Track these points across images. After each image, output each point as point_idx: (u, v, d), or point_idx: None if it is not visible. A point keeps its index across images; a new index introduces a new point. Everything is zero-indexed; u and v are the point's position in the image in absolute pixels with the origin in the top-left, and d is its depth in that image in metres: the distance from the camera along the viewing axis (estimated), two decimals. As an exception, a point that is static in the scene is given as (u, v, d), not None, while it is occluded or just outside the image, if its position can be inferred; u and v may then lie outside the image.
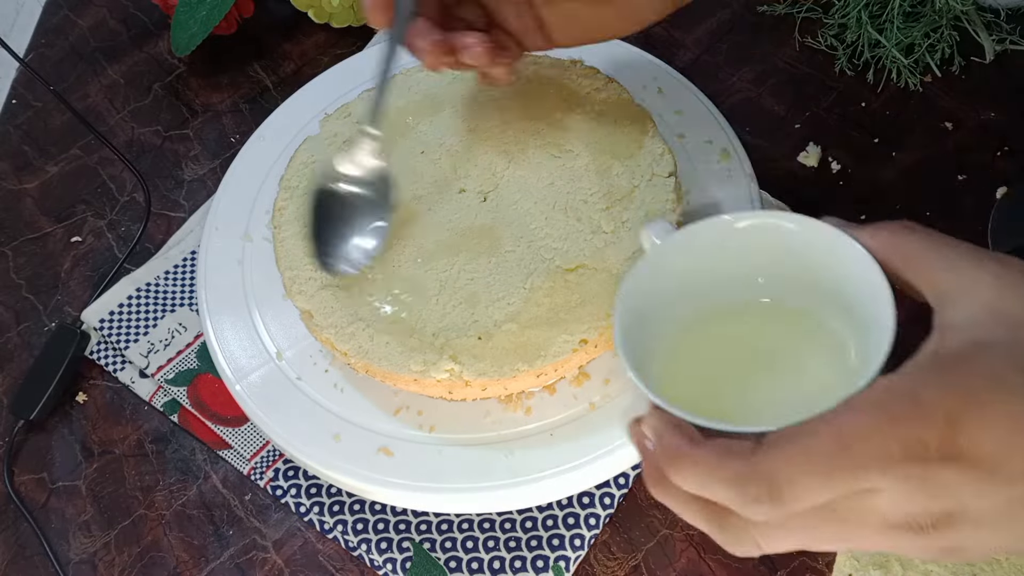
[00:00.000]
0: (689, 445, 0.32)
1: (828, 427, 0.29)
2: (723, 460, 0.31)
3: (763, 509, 0.30)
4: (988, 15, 0.65)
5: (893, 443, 0.28)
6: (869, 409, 0.29)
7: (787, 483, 0.29)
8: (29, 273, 0.66)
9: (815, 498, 0.29)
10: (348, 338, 0.46)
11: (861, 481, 0.29)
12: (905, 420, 0.28)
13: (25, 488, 0.56)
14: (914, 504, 0.29)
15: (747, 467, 0.30)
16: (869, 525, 0.30)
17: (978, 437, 0.28)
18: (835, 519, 0.30)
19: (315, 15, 0.73)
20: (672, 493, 0.34)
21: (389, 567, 0.50)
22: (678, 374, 0.38)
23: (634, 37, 0.70)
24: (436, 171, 0.52)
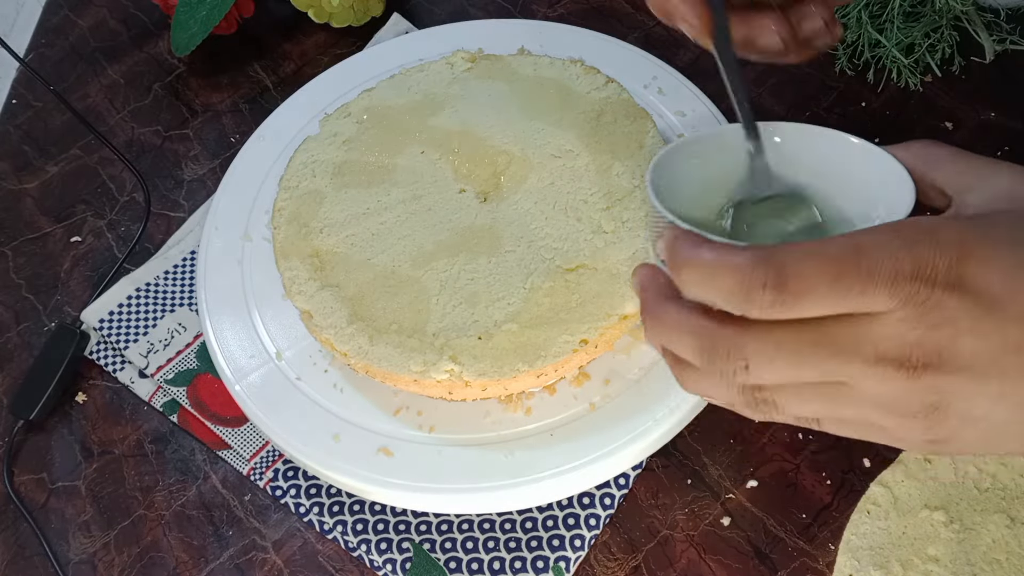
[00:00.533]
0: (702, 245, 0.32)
1: (845, 238, 0.30)
2: (734, 253, 0.30)
3: (767, 297, 0.29)
4: (988, 15, 0.65)
5: (906, 259, 0.29)
6: (887, 229, 0.30)
7: (795, 276, 0.29)
8: (29, 273, 0.66)
9: (819, 300, 0.29)
10: (348, 339, 0.46)
11: (868, 291, 0.29)
12: (920, 243, 0.29)
13: (25, 488, 0.56)
14: (911, 332, 0.29)
15: (759, 255, 0.30)
16: (861, 356, 0.30)
17: (985, 271, 0.29)
18: (828, 342, 0.30)
19: (315, 15, 0.73)
20: (666, 316, 0.34)
21: (389, 568, 0.50)
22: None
23: (634, 37, 0.71)
24: (436, 171, 0.52)
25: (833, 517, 0.49)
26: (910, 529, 0.47)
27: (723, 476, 0.51)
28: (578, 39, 0.63)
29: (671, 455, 0.52)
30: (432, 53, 0.61)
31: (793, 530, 0.49)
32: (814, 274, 0.29)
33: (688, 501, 0.51)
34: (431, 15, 0.76)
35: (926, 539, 0.47)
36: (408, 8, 0.76)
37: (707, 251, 0.31)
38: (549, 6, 0.74)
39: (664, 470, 0.52)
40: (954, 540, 0.46)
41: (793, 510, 0.50)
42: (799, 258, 0.29)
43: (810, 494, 0.50)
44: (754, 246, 0.31)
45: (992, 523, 0.46)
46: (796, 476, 0.51)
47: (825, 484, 0.50)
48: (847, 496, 0.50)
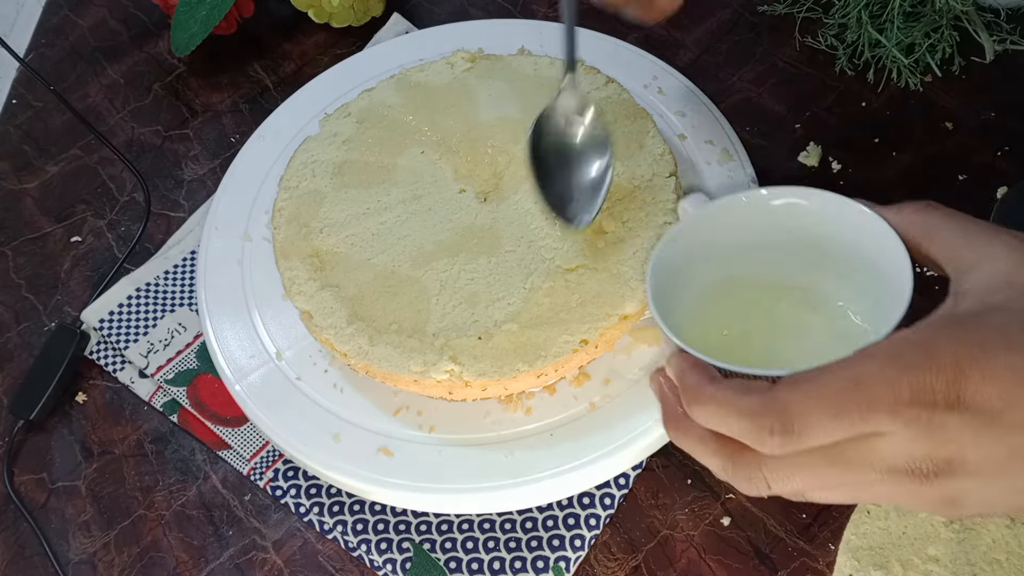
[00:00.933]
0: (710, 382, 0.34)
1: (842, 369, 0.31)
2: (741, 395, 0.32)
3: (775, 441, 0.31)
4: (988, 15, 0.65)
5: (903, 387, 0.30)
6: (883, 356, 0.31)
7: (799, 416, 0.31)
8: (29, 273, 0.66)
9: (825, 434, 0.31)
10: (348, 339, 0.46)
11: (870, 421, 0.30)
12: (916, 367, 0.30)
13: (25, 488, 0.56)
14: (918, 449, 0.30)
15: (763, 401, 0.32)
16: (873, 469, 0.31)
17: (983, 387, 0.29)
18: (841, 461, 0.31)
19: (315, 15, 0.73)
20: (688, 433, 0.36)
21: (389, 568, 0.50)
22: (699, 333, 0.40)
23: (634, 37, 0.71)
24: (436, 171, 0.52)
25: (833, 517, 0.49)
26: (910, 529, 0.47)
27: (723, 476, 0.51)
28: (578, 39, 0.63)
29: (671, 455, 0.52)
30: (432, 53, 0.61)
31: (793, 530, 0.49)
32: (816, 413, 0.31)
33: (688, 501, 0.51)
34: (431, 15, 0.76)
35: (926, 539, 0.47)
36: (408, 8, 0.76)
37: (714, 391, 0.34)
38: (549, 6, 0.74)
39: (664, 470, 0.52)
40: (954, 540, 0.46)
41: (793, 510, 0.50)
42: (801, 401, 0.31)
43: (810, 494, 0.50)
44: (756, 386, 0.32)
45: (992, 523, 0.46)
46: (796, 476, 0.51)
47: (825, 484, 0.50)
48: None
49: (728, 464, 0.34)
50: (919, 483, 0.31)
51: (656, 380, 0.39)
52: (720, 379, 0.34)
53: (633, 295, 0.46)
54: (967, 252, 0.34)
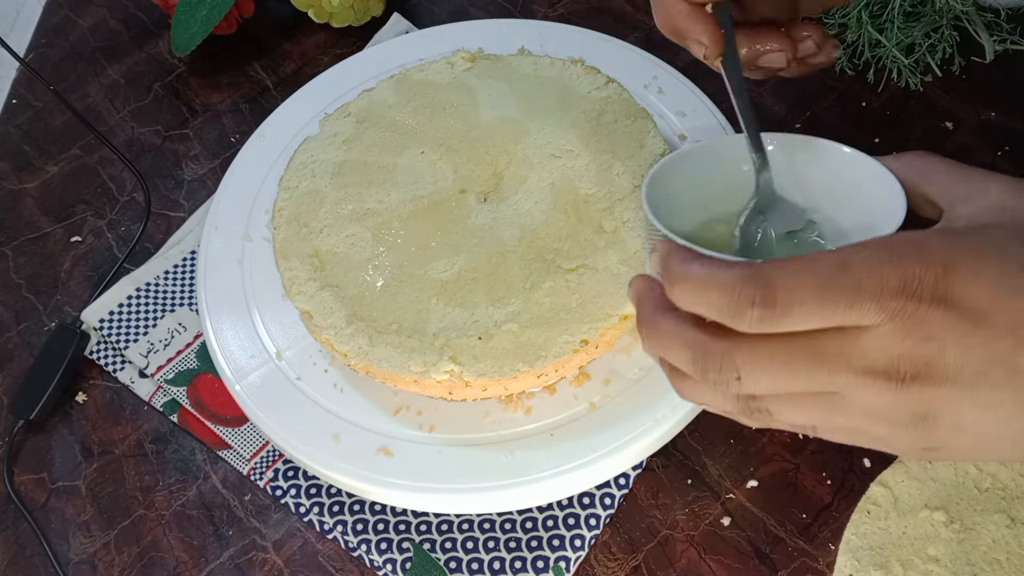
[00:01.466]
0: (695, 260, 0.33)
1: (832, 254, 0.30)
2: (724, 268, 0.31)
3: (755, 314, 0.30)
4: (988, 15, 0.65)
5: (892, 275, 0.29)
6: (874, 246, 0.30)
7: (783, 291, 0.30)
8: (29, 273, 0.66)
9: (807, 315, 0.30)
10: (348, 339, 0.46)
11: (855, 307, 0.29)
12: (907, 259, 0.29)
13: (25, 488, 0.56)
14: (899, 345, 0.30)
15: (748, 272, 0.31)
16: (850, 367, 0.30)
17: (971, 286, 0.29)
18: (818, 354, 0.31)
19: (315, 15, 0.73)
20: (661, 328, 0.34)
21: (389, 567, 0.50)
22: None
23: (634, 37, 0.71)
24: (436, 171, 0.52)
25: (833, 517, 0.49)
26: (910, 529, 0.47)
27: (723, 476, 0.51)
28: (578, 39, 0.63)
29: (671, 455, 0.52)
30: (432, 53, 0.61)
31: (793, 530, 0.49)
32: (801, 290, 0.30)
33: (688, 501, 0.51)
34: (431, 15, 0.76)
35: (926, 539, 0.47)
36: (408, 8, 0.76)
37: (698, 266, 0.32)
38: (549, 6, 0.74)
39: (664, 470, 0.52)
40: (954, 540, 0.46)
41: (793, 510, 0.50)
42: (787, 275, 0.30)
43: (810, 494, 0.50)
44: (743, 262, 0.31)
45: (992, 523, 0.46)
46: (796, 476, 0.51)
47: (825, 484, 0.50)
48: (847, 496, 0.50)
49: (700, 353, 0.33)
50: (894, 388, 0.30)
51: (636, 283, 0.37)
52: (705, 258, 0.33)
53: (633, 295, 0.46)
54: (960, 188, 0.35)
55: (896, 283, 0.29)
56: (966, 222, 0.33)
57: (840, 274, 0.29)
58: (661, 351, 0.35)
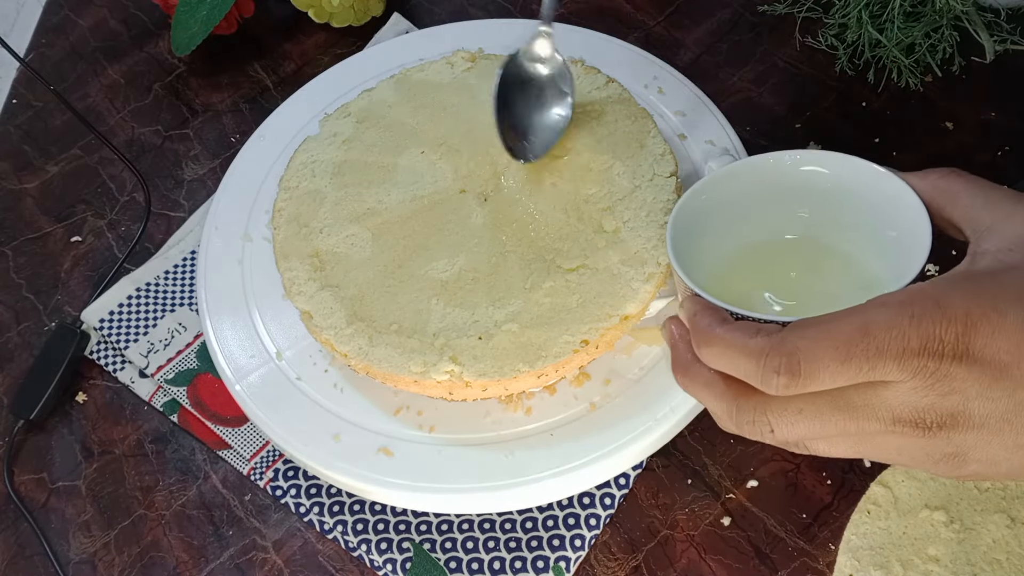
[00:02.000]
0: (720, 323, 0.34)
1: (853, 316, 0.31)
2: (750, 336, 0.33)
3: (781, 381, 0.31)
4: (988, 15, 0.65)
5: (913, 336, 0.30)
6: (894, 304, 0.31)
7: (807, 358, 0.31)
8: (29, 273, 0.66)
9: (831, 378, 0.31)
10: (348, 339, 0.46)
11: (878, 368, 0.30)
12: (927, 316, 0.30)
13: (25, 488, 0.56)
14: (923, 399, 0.30)
15: (771, 342, 0.32)
16: (877, 418, 0.31)
17: (992, 340, 0.30)
18: (845, 407, 0.32)
19: (315, 15, 0.73)
20: (696, 378, 0.36)
21: (389, 567, 0.50)
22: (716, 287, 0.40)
23: (635, 37, 0.71)
24: (436, 171, 0.52)
25: (833, 517, 0.49)
26: (910, 529, 0.47)
27: (723, 476, 0.51)
28: (578, 39, 0.63)
29: (671, 455, 0.52)
30: (432, 53, 0.61)
31: (793, 530, 0.49)
32: (824, 357, 0.31)
33: (688, 501, 0.51)
34: (431, 15, 0.76)
35: (926, 539, 0.47)
36: (408, 8, 0.76)
37: (723, 331, 0.34)
38: (549, 6, 0.74)
39: (664, 470, 0.52)
40: (954, 540, 0.46)
41: (793, 510, 0.50)
42: (809, 343, 0.31)
43: (810, 494, 0.50)
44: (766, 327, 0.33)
45: (992, 523, 0.46)
46: (796, 476, 0.51)
47: (825, 484, 0.50)
48: (847, 496, 0.50)
49: (733, 407, 0.34)
50: (922, 435, 0.31)
51: (668, 327, 0.39)
52: (731, 321, 0.34)
53: (634, 295, 0.46)
54: (986, 214, 0.35)
55: (917, 344, 0.30)
56: (990, 261, 0.33)
57: (861, 338, 0.30)
58: (695, 396, 0.37)
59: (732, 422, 0.35)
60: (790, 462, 0.51)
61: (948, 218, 0.37)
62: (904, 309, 0.30)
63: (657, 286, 0.46)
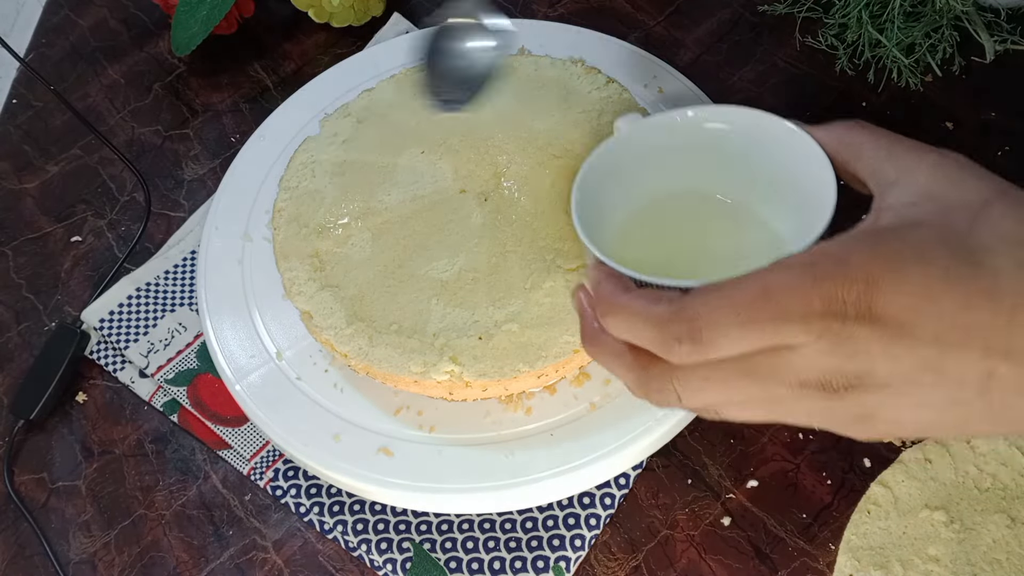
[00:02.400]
0: (623, 292, 0.34)
1: (754, 279, 0.30)
2: (651, 303, 0.32)
3: (684, 350, 0.31)
4: (988, 15, 0.65)
5: (815, 298, 0.29)
6: (796, 266, 0.30)
7: (708, 325, 0.30)
8: (29, 273, 0.66)
9: (734, 344, 0.30)
10: (348, 339, 0.46)
11: (781, 331, 0.30)
12: (828, 278, 0.29)
13: (25, 488, 0.56)
14: (829, 362, 0.30)
15: (672, 309, 0.31)
16: (783, 382, 0.31)
17: (893, 299, 0.29)
18: (751, 373, 0.31)
19: (315, 15, 0.73)
20: (604, 347, 0.35)
21: (389, 567, 0.50)
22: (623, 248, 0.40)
23: (634, 37, 0.71)
24: (436, 171, 0.52)
25: (833, 517, 0.49)
26: (910, 529, 0.47)
27: (723, 476, 0.51)
28: (578, 39, 0.63)
29: (671, 455, 0.52)
30: (432, 53, 0.61)
31: (793, 530, 0.49)
32: (726, 323, 0.30)
33: (688, 501, 0.51)
34: (431, 15, 0.75)
35: (926, 539, 0.47)
36: (408, 8, 0.76)
37: (626, 299, 0.33)
38: (549, 6, 0.74)
39: (664, 470, 0.52)
40: (954, 540, 0.46)
41: (793, 510, 0.50)
42: (711, 308, 0.31)
43: (810, 494, 0.50)
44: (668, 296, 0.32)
45: (992, 523, 0.46)
46: (796, 476, 0.51)
47: (825, 484, 0.50)
48: (847, 496, 0.50)
49: (641, 376, 0.34)
50: (830, 397, 0.31)
51: (577, 295, 0.38)
52: (634, 289, 0.34)
53: (633, 295, 0.46)
54: (890, 168, 0.34)
55: (820, 305, 0.29)
56: (893, 217, 0.32)
57: (763, 302, 0.30)
58: (605, 367, 0.36)
59: (641, 391, 0.34)
60: (790, 462, 0.51)
61: (853, 172, 0.36)
62: (806, 271, 0.30)
63: (657, 286, 0.46)
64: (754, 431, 0.52)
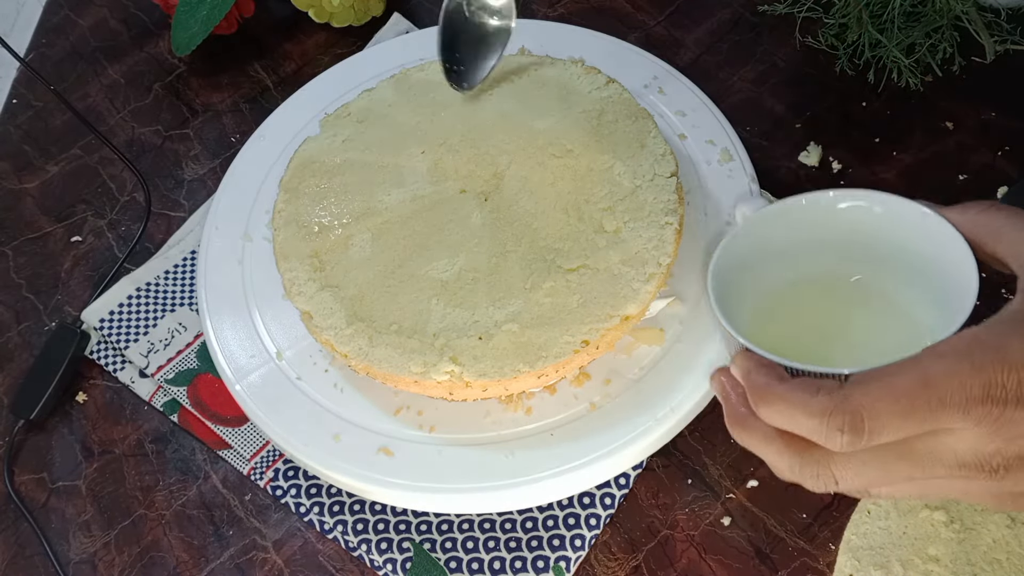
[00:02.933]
0: (778, 381, 0.34)
1: (912, 368, 0.31)
2: (810, 394, 0.33)
3: (846, 439, 0.31)
4: (988, 15, 0.65)
5: (975, 385, 0.30)
6: (952, 354, 0.31)
7: (869, 416, 0.31)
8: (29, 273, 0.66)
9: (894, 432, 0.31)
10: (348, 340, 0.46)
11: (940, 419, 0.30)
12: (987, 365, 0.30)
13: (25, 488, 0.56)
14: (988, 445, 0.31)
15: (833, 400, 0.32)
16: (942, 464, 0.32)
17: None
18: (910, 456, 0.32)
19: (315, 15, 0.73)
20: (753, 432, 0.36)
21: (389, 567, 0.50)
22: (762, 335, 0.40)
23: (634, 37, 0.71)
24: (436, 171, 0.52)
25: (833, 517, 0.49)
26: (911, 529, 0.47)
27: (723, 476, 0.51)
28: (578, 39, 0.63)
29: (672, 455, 0.52)
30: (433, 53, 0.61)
31: (794, 530, 0.49)
32: (887, 413, 0.31)
33: (688, 501, 0.51)
34: (432, 15, 0.76)
35: (927, 539, 0.47)
36: (408, 8, 0.76)
37: (783, 389, 0.34)
38: (549, 6, 0.74)
39: (664, 470, 0.52)
40: (955, 540, 0.46)
41: (794, 510, 0.50)
42: (871, 399, 0.31)
43: (810, 494, 0.50)
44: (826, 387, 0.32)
45: (993, 523, 0.46)
46: (796, 476, 0.51)
47: (825, 484, 0.50)
48: (847, 496, 0.50)
49: (796, 462, 0.35)
50: (988, 478, 0.31)
51: (718, 379, 0.39)
52: (788, 378, 0.34)
53: (635, 296, 0.46)
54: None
55: (980, 392, 0.30)
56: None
57: (923, 391, 0.30)
58: (753, 449, 0.37)
59: (796, 474, 0.35)
60: (790, 462, 0.51)
61: (991, 253, 0.36)
62: (963, 359, 0.30)
63: (658, 286, 0.46)
64: (754, 431, 0.52)
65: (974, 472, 0.31)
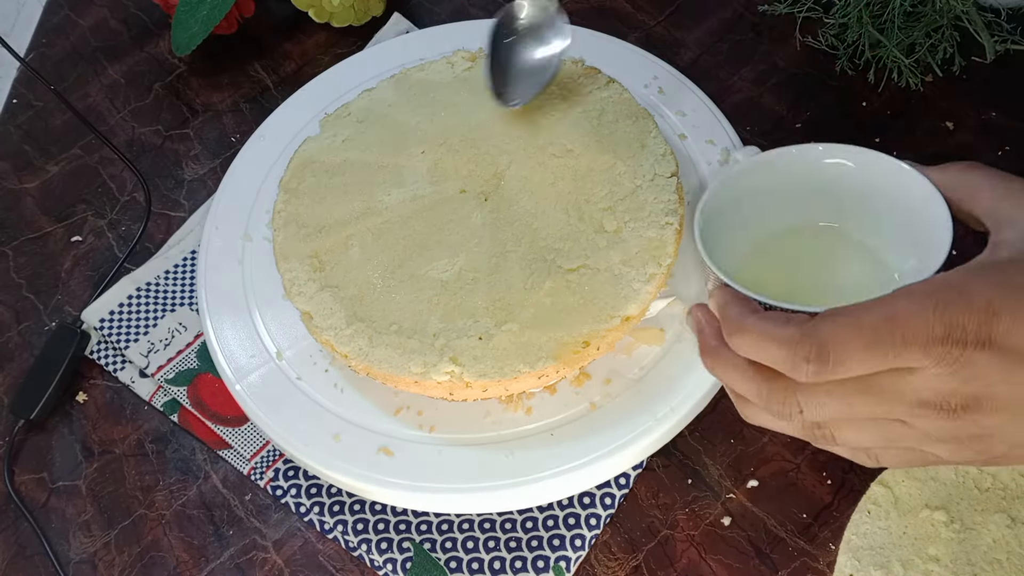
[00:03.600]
0: (751, 313, 0.36)
1: (881, 305, 0.32)
2: (780, 326, 0.34)
3: (811, 368, 0.33)
4: (989, 15, 0.65)
5: (936, 324, 0.31)
6: (919, 294, 0.32)
7: (835, 347, 0.32)
8: (29, 273, 0.66)
9: (858, 366, 0.32)
10: (348, 340, 0.46)
11: (903, 355, 0.31)
12: (950, 305, 0.31)
13: (25, 488, 0.56)
14: (947, 384, 0.32)
15: (802, 331, 0.33)
16: (903, 401, 0.33)
17: (1014, 328, 0.31)
18: (872, 391, 0.33)
19: (316, 15, 0.73)
20: (725, 362, 0.38)
21: (389, 567, 0.50)
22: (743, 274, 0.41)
23: (634, 37, 0.71)
24: (436, 171, 0.52)
25: (834, 517, 0.49)
26: (911, 529, 0.47)
27: (724, 476, 0.51)
28: (578, 39, 0.62)
29: (672, 455, 0.52)
30: (433, 52, 0.61)
31: (794, 530, 0.49)
32: (852, 345, 0.32)
33: (689, 501, 0.51)
34: (432, 15, 0.76)
35: (927, 539, 0.47)
36: (409, 8, 0.76)
37: (754, 320, 0.35)
38: (549, 6, 0.74)
39: (665, 470, 0.52)
40: (955, 540, 0.46)
41: (794, 510, 0.50)
42: (838, 330, 0.32)
43: (811, 494, 0.50)
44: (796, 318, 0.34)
45: (993, 523, 0.46)
46: (797, 476, 0.51)
47: (826, 484, 0.50)
48: (848, 496, 0.50)
49: (763, 388, 0.36)
50: (947, 417, 0.32)
51: (695, 313, 0.41)
52: (761, 311, 0.36)
53: (635, 296, 0.46)
54: (1007, 205, 0.36)
55: (941, 331, 0.31)
56: (1010, 251, 0.34)
57: (888, 327, 0.31)
58: (723, 379, 0.38)
59: (762, 403, 0.36)
60: (790, 462, 0.51)
61: (968, 210, 0.38)
62: (929, 298, 0.31)
63: (658, 287, 0.46)
64: (755, 431, 0.52)
65: (933, 412, 0.32)
